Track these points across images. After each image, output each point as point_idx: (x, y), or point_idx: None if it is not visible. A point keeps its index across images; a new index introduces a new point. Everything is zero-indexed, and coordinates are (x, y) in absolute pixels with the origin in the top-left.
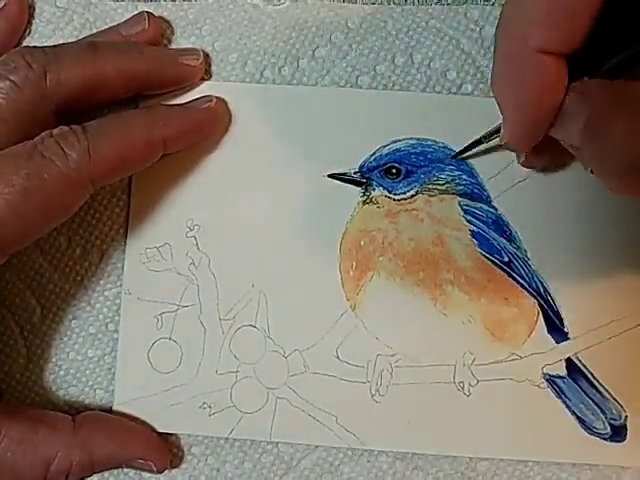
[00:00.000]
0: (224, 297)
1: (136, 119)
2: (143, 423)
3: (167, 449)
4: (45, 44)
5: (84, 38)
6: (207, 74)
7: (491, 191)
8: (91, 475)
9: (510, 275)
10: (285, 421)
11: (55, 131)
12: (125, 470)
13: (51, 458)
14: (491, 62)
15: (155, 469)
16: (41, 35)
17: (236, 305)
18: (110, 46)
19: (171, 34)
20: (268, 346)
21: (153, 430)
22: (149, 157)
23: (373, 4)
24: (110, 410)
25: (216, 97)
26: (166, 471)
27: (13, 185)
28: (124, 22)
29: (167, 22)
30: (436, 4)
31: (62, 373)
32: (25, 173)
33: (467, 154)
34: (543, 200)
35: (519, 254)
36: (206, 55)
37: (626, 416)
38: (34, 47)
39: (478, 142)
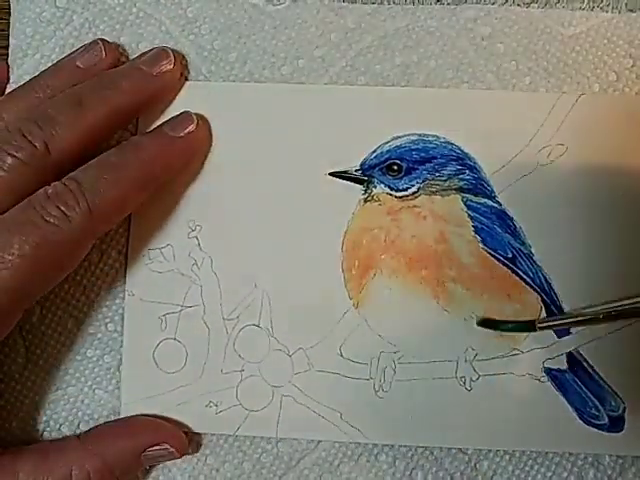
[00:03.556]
0: (227, 297)
1: (128, 166)
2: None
3: (180, 430)
4: (47, 45)
5: (41, 72)
6: (184, 69)
7: (495, 186)
8: None
9: (514, 271)
10: (291, 418)
11: (50, 191)
12: None
13: (67, 477)
14: (488, 61)
15: (175, 450)
16: (42, 36)
17: (239, 305)
18: (91, 93)
19: (168, 33)
20: (272, 345)
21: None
22: (145, 196)
23: (373, 4)
24: (111, 410)
25: (196, 115)
26: (166, 471)
27: (24, 255)
28: (80, 52)
29: (123, 52)
30: (435, 4)
31: (61, 373)
32: (35, 243)
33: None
34: (548, 194)
35: (523, 249)
36: (175, 52)
37: (624, 408)
38: (25, 120)
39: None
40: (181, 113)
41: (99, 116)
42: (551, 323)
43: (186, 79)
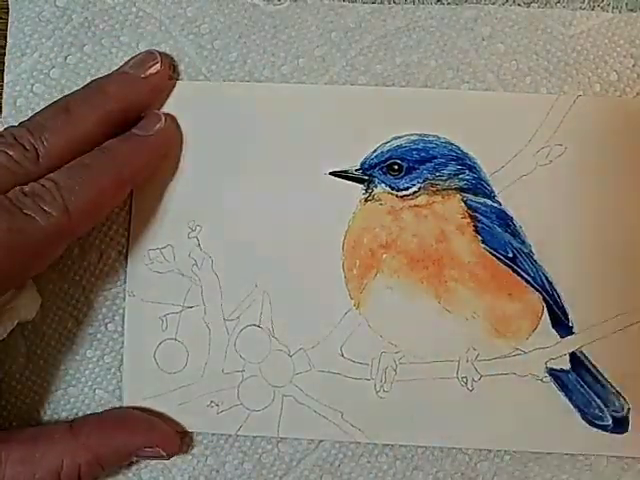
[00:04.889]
0: (228, 297)
1: (104, 167)
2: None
3: (174, 432)
4: (45, 44)
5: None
6: (172, 70)
7: (495, 186)
8: (104, 473)
9: (515, 271)
10: (292, 418)
11: (27, 189)
12: (124, 470)
13: (58, 468)
14: (488, 61)
15: (164, 454)
16: (41, 35)
17: (240, 305)
18: (78, 101)
19: (167, 33)
20: (273, 345)
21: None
22: (120, 198)
23: (373, 3)
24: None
25: (164, 114)
26: (166, 471)
27: None
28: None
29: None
30: (435, 4)
31: (61, 373)
32: (8, 228)
33: None
34: (547, 194)
35: (524, 249)
36: (162, 54)
37: (629, 408)
38: (17, 127)
39: None
40: (148, 113)
41: (87, 122)
42: None
43: (178, 79)
